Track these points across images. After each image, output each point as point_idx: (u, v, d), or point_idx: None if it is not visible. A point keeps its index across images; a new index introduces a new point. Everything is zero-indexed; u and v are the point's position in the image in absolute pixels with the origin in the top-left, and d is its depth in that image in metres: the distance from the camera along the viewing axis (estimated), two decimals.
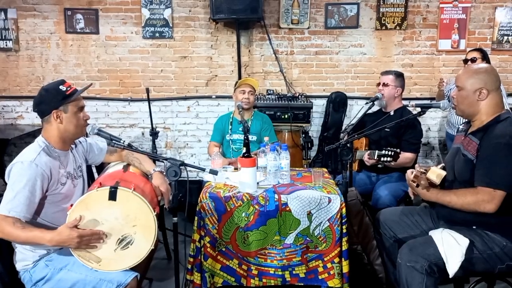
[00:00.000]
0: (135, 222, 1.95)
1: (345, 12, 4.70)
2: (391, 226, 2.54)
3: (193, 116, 4.97)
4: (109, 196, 1.91)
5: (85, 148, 2.33)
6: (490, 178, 2.06)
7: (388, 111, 3.48)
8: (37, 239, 1.88)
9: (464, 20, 4.63)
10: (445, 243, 2.12)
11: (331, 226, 2.40)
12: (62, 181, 2.06)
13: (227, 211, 2.42)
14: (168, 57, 4.85)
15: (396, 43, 4.75)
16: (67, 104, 2.05)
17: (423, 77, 4.77)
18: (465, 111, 2.24)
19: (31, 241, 1.91)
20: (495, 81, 2.18)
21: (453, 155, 2.33)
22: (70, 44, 4.79)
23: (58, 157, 2.08)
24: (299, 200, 2.40)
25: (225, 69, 4.86)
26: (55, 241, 1.87)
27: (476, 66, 2.29)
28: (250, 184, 2.45)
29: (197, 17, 4.79)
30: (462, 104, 2.23)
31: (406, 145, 3.23)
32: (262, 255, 2.45)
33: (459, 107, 2.26)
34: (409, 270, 2.12)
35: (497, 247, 2.11)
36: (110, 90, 4.90)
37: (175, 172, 2.06)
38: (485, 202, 2.06)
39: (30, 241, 1.91)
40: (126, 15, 4.77)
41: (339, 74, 4.83)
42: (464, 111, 2.25)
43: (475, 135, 2.20)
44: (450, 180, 2.29)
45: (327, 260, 2.42)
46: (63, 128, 2.07)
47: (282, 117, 4.31)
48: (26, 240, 1.90)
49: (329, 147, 2.65)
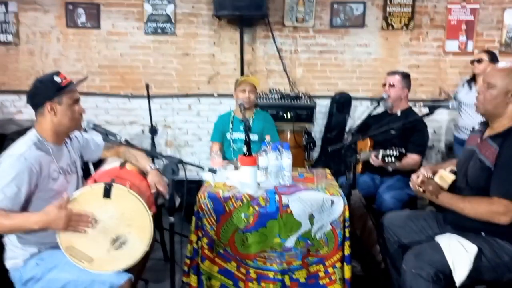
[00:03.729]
0: (130, 222, 1.87)
1: (351, 11, 4.62)
2: (396, 231, 2.45)
3: (194, 114, 4.88)
4: (103, 193, 1.83)
5: (81, 143, 2.25)
6: (508, 189, 1.96)
7: (394, 112, 3.40)
8: (23, 224, 1.80)
9: (472, 21, 4.54)
10: (452, 250, 2.03)
11: (333, 229, 2.32)
12: (53, 176, 1.98)
13: (226, 212, 2.34)
14: (170, 53, 4.77)
15: (402, 43, 4.66)
16: (61, 96, 1.98)
17: (429, 78, 4.68)
18: (490, 111, 2.12)
19: (17, 227, 1.83)
20: None
21: (467, 158, 2.22)
22: (71, 39, 4.72)
23: (51, 151, 2.01)
24: (301, 202, 2.32)
25: (227, 67, 4.77)
26: (42, 222, 1.79)
27: (508, 65, 2.12)
28: (251, 184, 2.37)
29: (200, 14, 4.71)
30: (490, 103, 2.09)
31: (412, 147, 3.15)
32: (262, 258, 2.37)
33: (485, 106, 2.12)
34: (414, 277, 2.03)
35: (506, 255, 2.02)
36: (111, 86, 4.82)
37: (172, 169, 1.98)
38: (500, 214, 1.97)
39: (15, 227, 1.83)
40: (128, 11, 4.70)
41: (343, 74, 4.73)
42: (488, 111, 2.12)
43: (494, 140, 2.08)
44: (462, 184, 2.20)
45: (328, 264, 2.34)
46: (57, 120, 2.00)
47: (284, 116, 4.22)
48: (11, 227, 1.82)
49: (333, 148, 2.56)
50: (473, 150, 2.19)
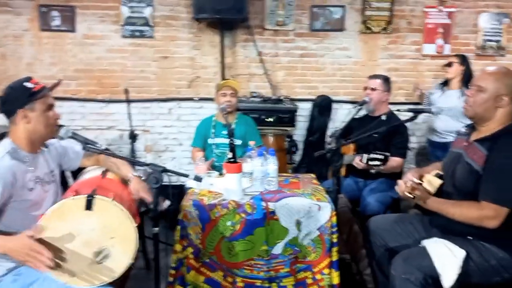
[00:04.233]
0: (114, 234, 1.80)
1: (330, 14, 4.63)
2: (382, 235, 2.44)
3: (175, 119, 4.80)
4: (85, 205, 1.75)
5: (60, 151, 2.16)
6: (498, 194, 1.96)
7: (376, 116, 3.41)
8: None
9: (448, 25, 4.62)
10: (440, 255, 2.03)
11: (321, 235, 2.29)
12: (29, 186, 1.89)
13: (212, 220, 2.28)
14: (149, 57, 4.67)
15: (381, 47, 4.70)
16: (34, 102, 1.89)
17: (408, 81, 4.72)
18: (479, 114, 2.10)
19: None
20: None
21: (454, 161, 2.22)
22: (45, 42, 4.58)
23: (26, 160, 1.92)
24: (288, 208, 2.29)
25: (208, 70, 4.71)
26: (6, 247, 1.67)
27: (501, 68, 2.11)
28: (236, 191, 2.32)
29: (179, 16, 4.63)
30: (479, 107, 2.07)
31: (394, 150, 3.15)
32: (249, 266, 2.32)
33: (474, 109, 2.10)
34: (403, 282, 2.02)
35: (493, 259, 2.03)
36: (87, 91, 4.70)
37: (156, 178, 1.91)
38: (489, 218, 1.96)
39: None
40: (105, 13, 4.58)
41: (324, 77, 4.74)
42: (478, 114, 2.10)
43: (482, 144, 2.08)
44: (449, 188, 2.19)
45: (316, 271, 2.31)
46: (31, 128, 1.91)
47: (266, 120, 4.19)
48: None
49: (320, 153, 2.54)
50: (460, 153, 2.20)
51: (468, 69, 3.80)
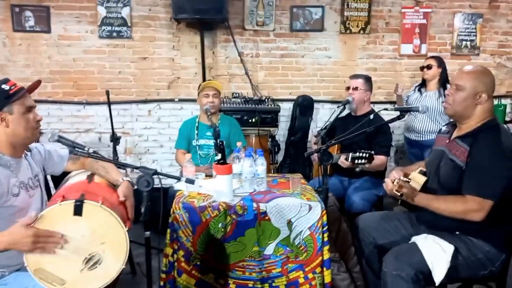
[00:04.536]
0: (104, 239, 1.74)
1: (310, 15, 4.65)
2: (370, 232, 2.47)
3: (155, 120, 4.73)
4: (74, 211, 1.69)
5: (43, 155, 2.09)
6: (480, 188, 2.01)
7: (359, 115, 3.46)
8: None
9: (425, 25, 4.72)
10: (430, 250, 2.07)
11: (312, 234, 2.29)
12: (14, 191, 1.83)
13: (202, 222, 2.25)
14: (127, 58, 4.59)
15: (360, 47, 4.76)
16: (11, 105, 1.83)
17: (386, 81, 4.80)
18: (459, 113, 2.15)
19: None
20: (493, 86, 2.13)
21: (437, 158, 2.26)
22: (18, 43, 4.43)
23: (9, 165, 1.85)
24: (279, 208, 2.28)
25: (188, 71, 4.67)
26: (6, 243, 1.60)
27: (478, 67, 2.18)
28: (226, 192, 2.30)
29: (157, 17, 4.57)
30: (459, 105, 2.13)
31: (377, 149, 3.20)
32: (240, 268, 2.30)
33: (454, 108, 2.15)
34: (395, 279, 2.04)
35: (480, 253, 2.08)
36: (64, 93, 4.57)
37: (147, 182, 1.87)
38: (474, 211, 2.01)
39: None
40: (81, 13, 4.48)
41: (305, 77, 4.76)
42: (458, 112, 2.16)
43: (463, 140, 2.13)
44: (434, 184, 2.24)
45: (308, 270, 2.31)
46: (10, 131, 1.85)
47: (249, 121, 4.18)
48: None
49: (310, 153, 2.55)
50: (443, 151, 2.24)
51: (444, 70, 3.89)
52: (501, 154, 2.01)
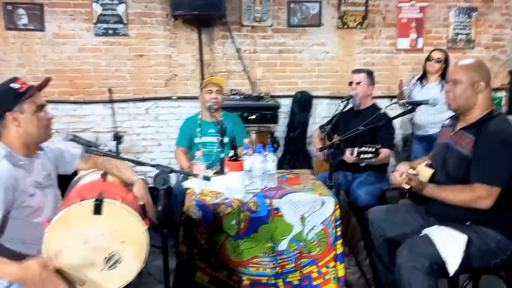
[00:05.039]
0: (124, 238, 1.73)
1: (307, 10, 4.65)
2: (380, 225, 2.49)
3: (152, 119, 4.69)
4: (94, 210, 1.67)
5: (56, 154, 2.06)
6: (487, 175, 2.05)
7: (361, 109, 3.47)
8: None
9: (421, 19, 4.75)
10: (444, 241, 2.09)
11: (325, 229, 2.30)
12: (30, 191, 1.79)
13: (216, 219, 2.24)
14: (123, 55, 4.54)
15: (357, 42, 4.77)
16: (21, 104, 1.79)
17: (383, 75, 4.82)
18: (462, 105, 2.20)
19: None
20: (488, 74, 2.20)
21: (443, 151, 2.30)
22: (11, 42, 4.35)
23: (23, 164, 1.82)
24: (292, 204, 2.27)
25: (185, 68, 4.63)
26: (18, 276, 1.55)
27: (470, 60, 2.26)
28: (239, 189, 2.29)
29: (153, 13, 4.53)
30: (460, 98, 2.18)
31: (381, 142, 3.19)
32: (254, 264, 2.29)
33: (456, 101, 2.20)
34: (410, 270, 2.06)
35: (492, 242, 2.11)
36: (59, 92, 4.51)
37: (164, 179, 1.85)
38: (482, 198, 2.05)
39: None
40: (75, 11, 4.41)
41: (303, 73, 4.77)
42: (461, 105, 2.21)
43: (468, 131, 2.18)
44: (441, 177, 2.26)
45: (321, 265, 2.31)
46: (23, 131, 1.81)
47: (249, 118, 4.16)
48: None
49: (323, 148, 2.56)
50: (447, 143, 2.28)
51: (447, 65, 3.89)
52: (506, 141, 2.06)
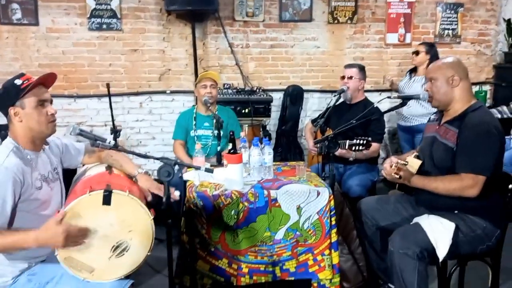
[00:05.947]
0: (131, 228, 1.81)
1: (298, 5, 4.73)
2: (373, 215, 2.61)
3: (146, 113, 4.74)
4: (103, 200, 1.75)
5: (61, 149, 2.12)
6: (473, 164, 2.17)
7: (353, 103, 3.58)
8: (19, 242, 1.66)
9: (409, 14, 4.87)
10: (433, 229, 2.21)
11: (320, 218, 2.40)
12: (37, 185, 1.85)
13: (216, 210, 2.33)
14: (117, 50, 4.58)
15: (347, 36, 4.87)
16: (22, 99, 1.84)
17: (373, 69, 4.94)
18: (442, 100, 2.34)
19: (11, 246, 1.68)
20: (463, 69, 2.34)
21: (429, 144, 2.42)
22: (5, 37, 4.35)
23: (30, 159, 1.88)
24: (289, 195, 2.37)
25: (179, 62, 4.69)
26: (42, 239, 1.65)
27: (443, 59, 2.42)
28: (238, 181, 2.38)
29: (147, 8, 4.56)
30: (438, 94, 2.33)
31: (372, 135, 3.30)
32: (253, 253, 2.39)
33: (436, 98, 2.35)
34: (401, 257, 2.18)
35: (478, 229, 2.24)
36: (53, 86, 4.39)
37: (168, 172, 1.93)
38: (469, 187, 2.17)
39: (10, 247, 1.69)
40: (69, 5, 4.43)
41: (294, 67, 4.86)
42: (440, 101, 2.35)
43: (451, 124, 2.31)
44: (429, 167, 2.39)
45: (317, 253, 2.42)
46: (25, 126, 1.86)
47: (242, 111, 4.24)
48: (5, 247, 1.68)
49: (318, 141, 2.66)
50: (434, 137, 2.42)
51: (434, 57, 4.00)
52: (487, 131, 2.18)
